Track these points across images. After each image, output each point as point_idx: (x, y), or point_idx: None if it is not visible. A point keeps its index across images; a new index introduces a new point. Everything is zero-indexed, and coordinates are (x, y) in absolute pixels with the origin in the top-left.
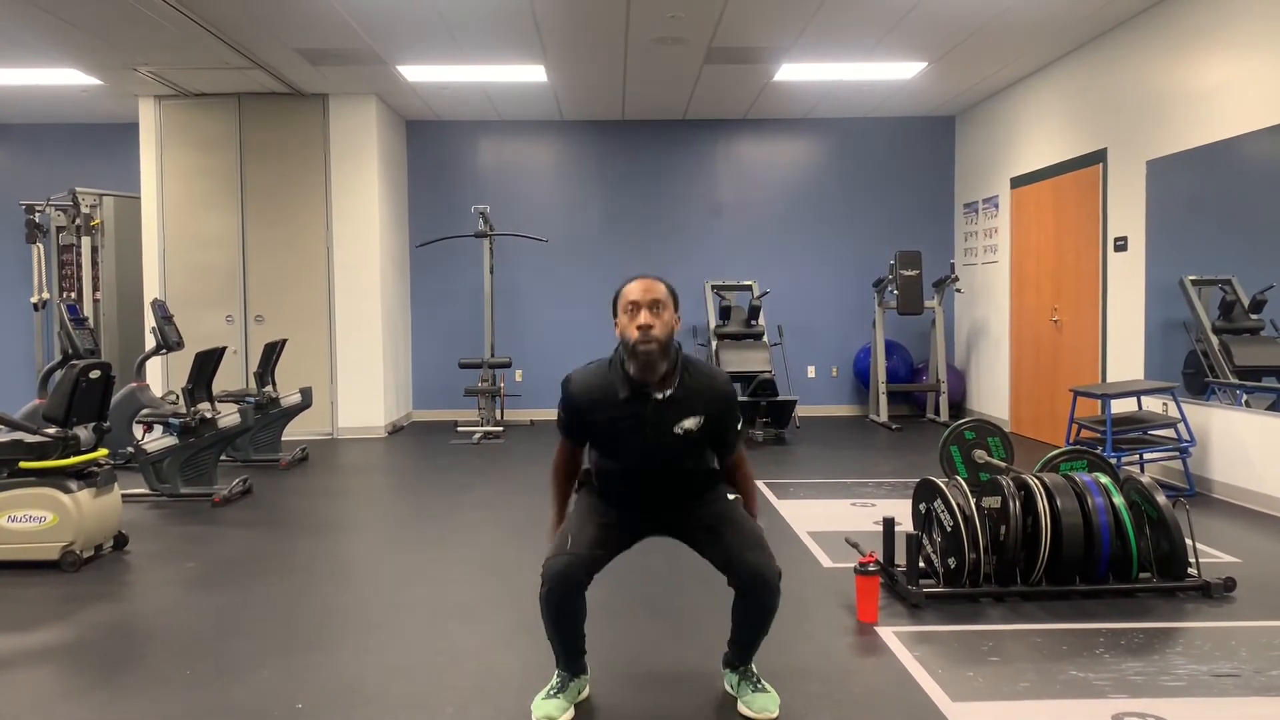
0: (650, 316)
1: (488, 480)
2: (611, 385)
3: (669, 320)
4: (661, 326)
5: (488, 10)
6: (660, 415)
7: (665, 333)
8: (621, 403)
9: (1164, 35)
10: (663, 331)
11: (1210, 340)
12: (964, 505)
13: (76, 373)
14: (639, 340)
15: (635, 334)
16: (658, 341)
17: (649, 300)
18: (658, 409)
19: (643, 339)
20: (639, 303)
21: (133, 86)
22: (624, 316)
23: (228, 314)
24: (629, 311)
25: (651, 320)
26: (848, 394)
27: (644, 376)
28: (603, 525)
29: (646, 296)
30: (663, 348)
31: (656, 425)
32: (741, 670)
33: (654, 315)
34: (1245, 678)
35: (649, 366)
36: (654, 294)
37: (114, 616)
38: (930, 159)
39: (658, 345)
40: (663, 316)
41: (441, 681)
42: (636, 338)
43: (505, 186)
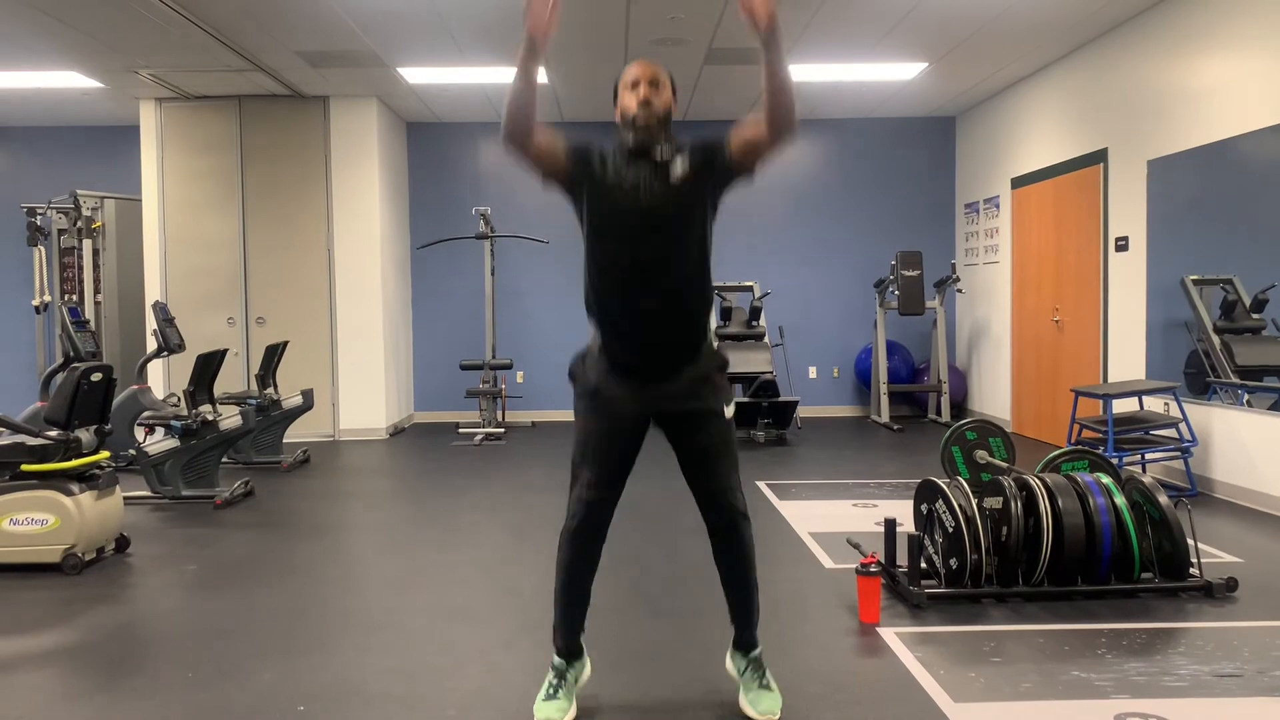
0: (650, 91)
1: (489, 482)
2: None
3: (667, 99)
4: (660, 101)
5: (488, 12)
6: (658, 176)
7: (664, 108)
8: (623, 164)
9: (1164, 35)
10: (662, 106)
11: (1212, 340)
12: (966, 506)
13: (78, 375)
14: (639, 112)
15: (635, 106)
16: (657, 114)
17: (649, 76)
18: (656, 168)
19: (643, 109)
20: (638, 79)
21: (134, 89)
22: (624, 93)
23: (229, 316)
24: (629, 88)
25: (650, 94)
26: (849, 395)
27: (643, 142)
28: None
29: (646, 74)
30: (661, 121)
31: (653, 191)
32: (749, 658)
33: (653, 90)
34: (1248, 678)
35: (648, 135)
36: (652, 72)
37: (116, 619)
38: (931, 159)
39: (657, 118)
40: (662, 94)
41: (443, 684)
42: (636, 109)
43: (506, 188)
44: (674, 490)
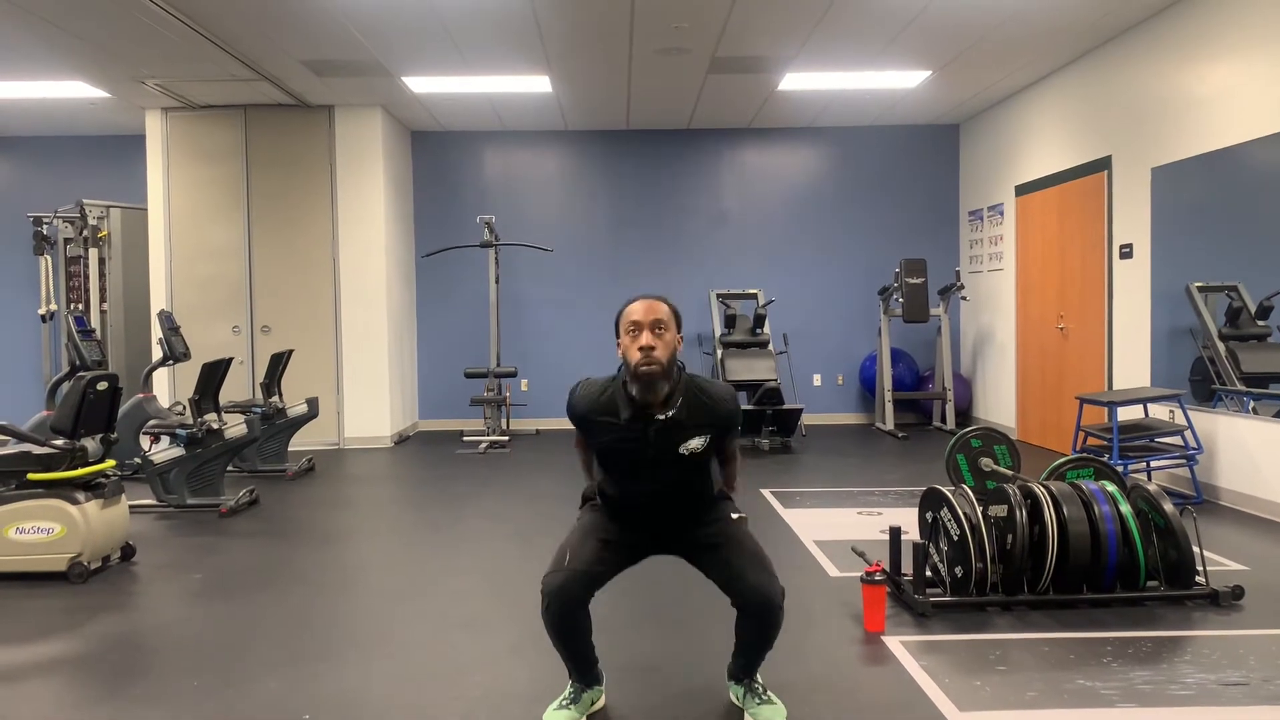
0: (652, 338)
1: (494, 490)
2: (614, 405)
3: (671, 341)
4: (664, 348)
5: (492, 21)
6: (663, 437)
7: (667, 354)
8: (624, 424)
9: (1168, 42)
10: (665, 353)
11: (1217, 347)
12: (971, 514)
13: (84, 384)
14: (641, 362)
15: (637, 355)
16: (659, 364)
17: (651, 321)
18: (660, 431)
19: (645, 360)
20: (641, 323)
21: (139, 99)
22: (626, 337)
23: (234, 325)
24: (631, 332)
25: (653, 341)
26: (853, 402)
27: (646, 398)
28: (603, 541)
29: (649, 317)
30: (665, 369)
31: (659, 446)
32: (746, 683)
33: (656, 336)
34: (1254, 686)
35: (651, 388)
36: (656, 314)
37: (121, 628)
38: (935, 167)
39: (659, 367)
40: (665, 337)
41: (448, 692)
42: (639, 359)
43: (510, 196)
44: None
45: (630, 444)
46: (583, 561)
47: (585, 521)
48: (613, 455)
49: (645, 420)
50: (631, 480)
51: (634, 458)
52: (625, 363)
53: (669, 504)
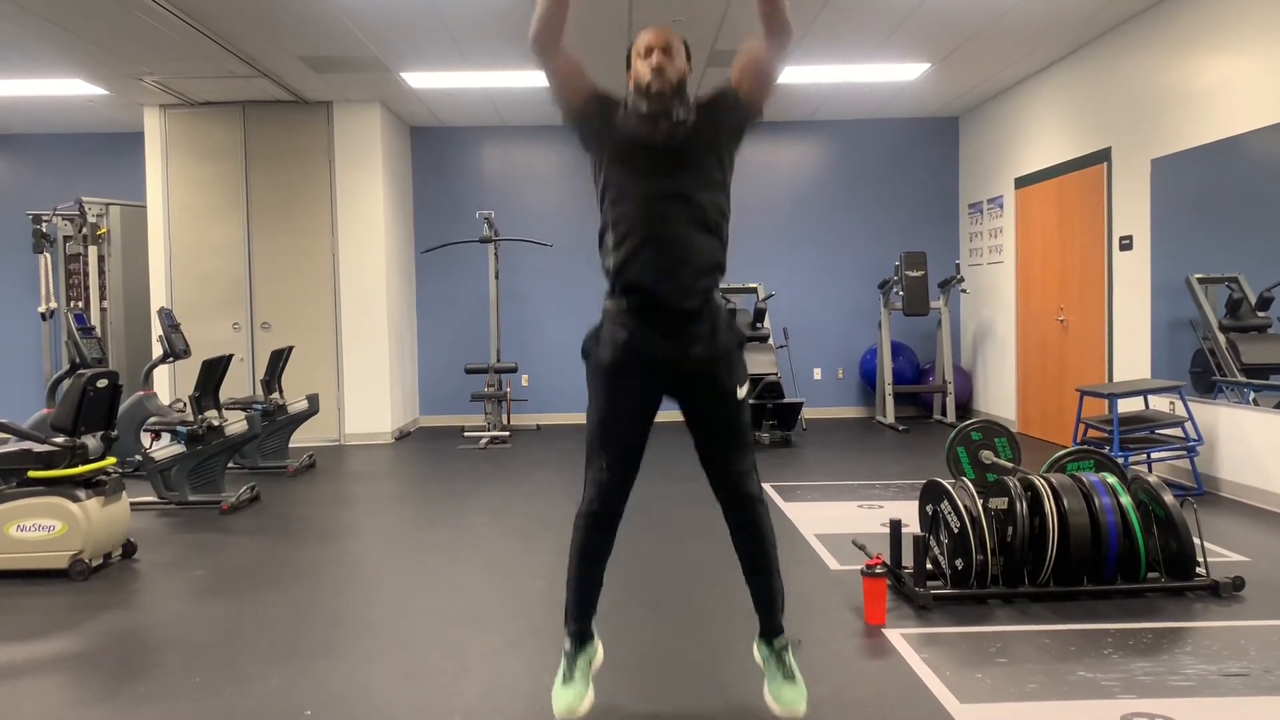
0: (663, 58)
1: (494, 486)
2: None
3: (681, 66)
4: (675, 69)
5: (490, 16)
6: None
7: (678, 75)
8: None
9: (1167, 33)
10: (676, 74)
11: (1217, 338)
12: (971, 506)
13: (84, 382)
14: (653, 79)
15: (649, 73)
16: (670, 82)
17: (662, 43)
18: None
19: (656, 77)
20: (652, 45)
21: (138, 96)
22: (637, 61)
23: (234, 322)
24: (641, 55)
25: (664, 61)
26: (854, 396)
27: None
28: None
29: (660, 40)
30: (675, 89)
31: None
32: (773, 645)
33: (667, 58)
34: (1254, 677)
35: (662, 103)
36: (666, 38)
37: (123, 625)
38: (934, 160)
39: (670, 86)
40: (676, 61)
41: (450, 688)
42: (649, 76)
43: (510, 192)
44: (679, 492)
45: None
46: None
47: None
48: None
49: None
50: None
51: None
52: (635, 86)
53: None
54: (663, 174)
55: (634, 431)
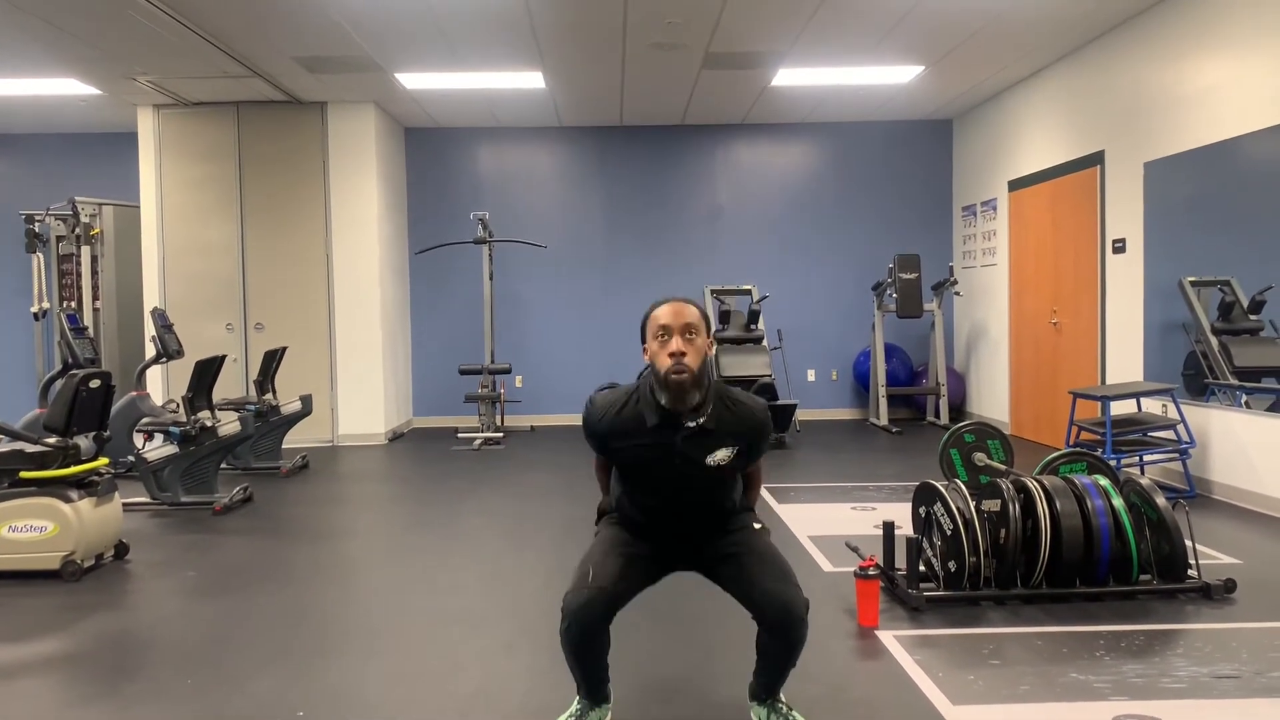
0: (683, 343)
1: (488, 487)
2: (639, 414)
3: (702, 346)
4: (694, 354)
5: (485, 18)
6: (692, 445)
7: (698, 361)
8: (650, 430)
9: (1160, 37)
10: (696, 360)
11: (1210, 341)
12: (964, 508)
13: (77, 382)
14: (672, 369)
15: (668, 362)
16: (690, 371)
17: (681, 325)
18: (690, 439)
19: (675, 368)
20: (670, 328)
21: (132, 96)
22: (654, 343)
23: (227, 322)
24: (659, 338)
25: (684, 347)
26: (848, 397)
27: (677, 406)
28: (626, 557)
29: (679, 321)
30: (695, 377)
31: (687, 456)
32: (770, 703)
33: (687, 342)
34: (1246, 679)
35: (682, 396)
36: (686, 318)
37: (115, 626)
38: (928, 162)
39: (690, 375)
40: (695, 343)
41: (443, 689)
42: (669, 366)
43: (504, 193)
44: None
45: (657, 454)
46: (606, 579)
47: (605, 536)
48: (637, 467)
49: (674, 428)
50: (655, 493)
51: (660, 469)
52: (654, 370)
53: (692, 517)
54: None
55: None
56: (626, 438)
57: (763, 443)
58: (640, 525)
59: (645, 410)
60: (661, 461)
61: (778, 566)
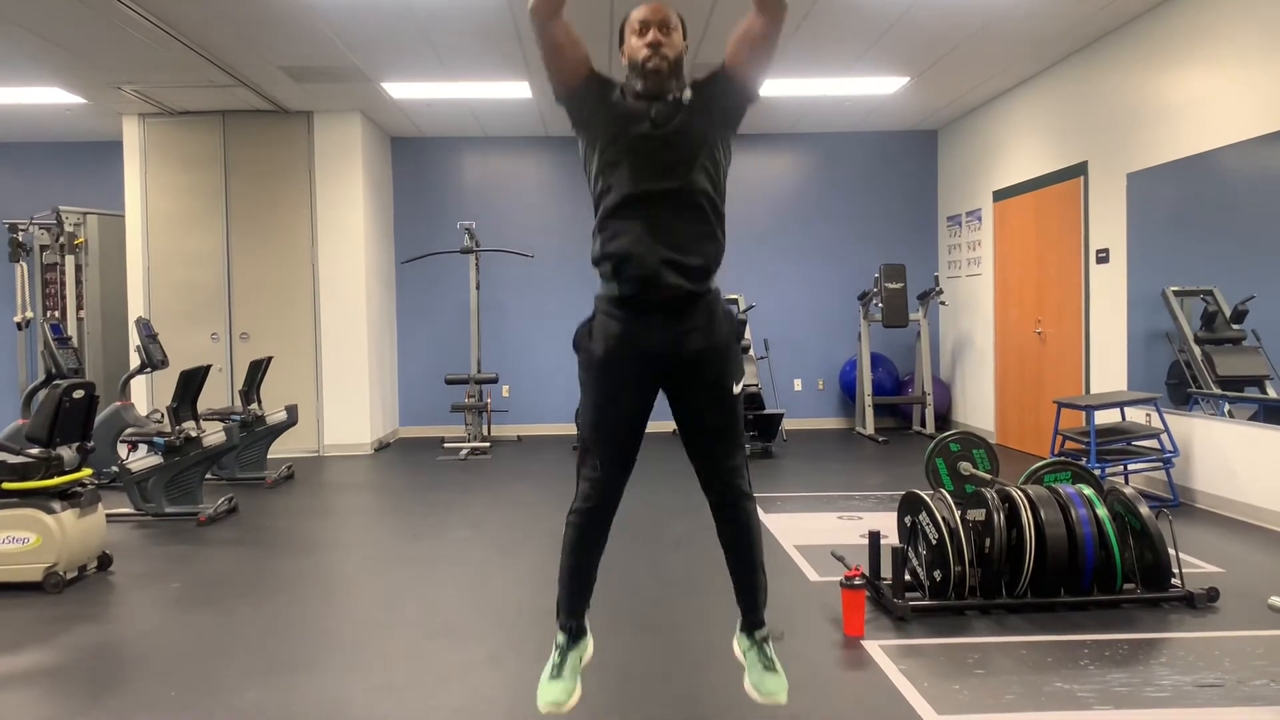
0: (660, 35)
1: (474, 497)
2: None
3: (678, 42)
4: (671, 46)
5: (472, 28)
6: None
7: (675, 53)
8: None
9: (1143, 50)
10: (673, 51)
11: (1193, 351)
12: (949, 518)
13: (60, 392)
14: (649, 56)
15: (645, 51)
16: (666, 59)
17: (659, 19)
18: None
19: (653, 54)
20: (648, 21)
21: (117, 105)
22: (632, 37)
23: (213, 332)
24: (637, 31)
25: (661, 38)
26: (834, 407)
27: (652, 90)
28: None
29: (656, 15)
30: (673, 67)
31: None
32: (754, 636)
33: (663, 34)
34: (1229, 688)
35: (659, 83)
36: (663, 14)
37: (98, 638)
38: (913, 173)
39: (666, 62)
40: (672, 38)
41: (429, 701)
42: (646, 54)
43: (491, 202)
44: (659, 504)
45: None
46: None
47: (590, 397)
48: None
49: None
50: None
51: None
52: (630, 63)
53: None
54: (658, 161)
55: (629, 428)
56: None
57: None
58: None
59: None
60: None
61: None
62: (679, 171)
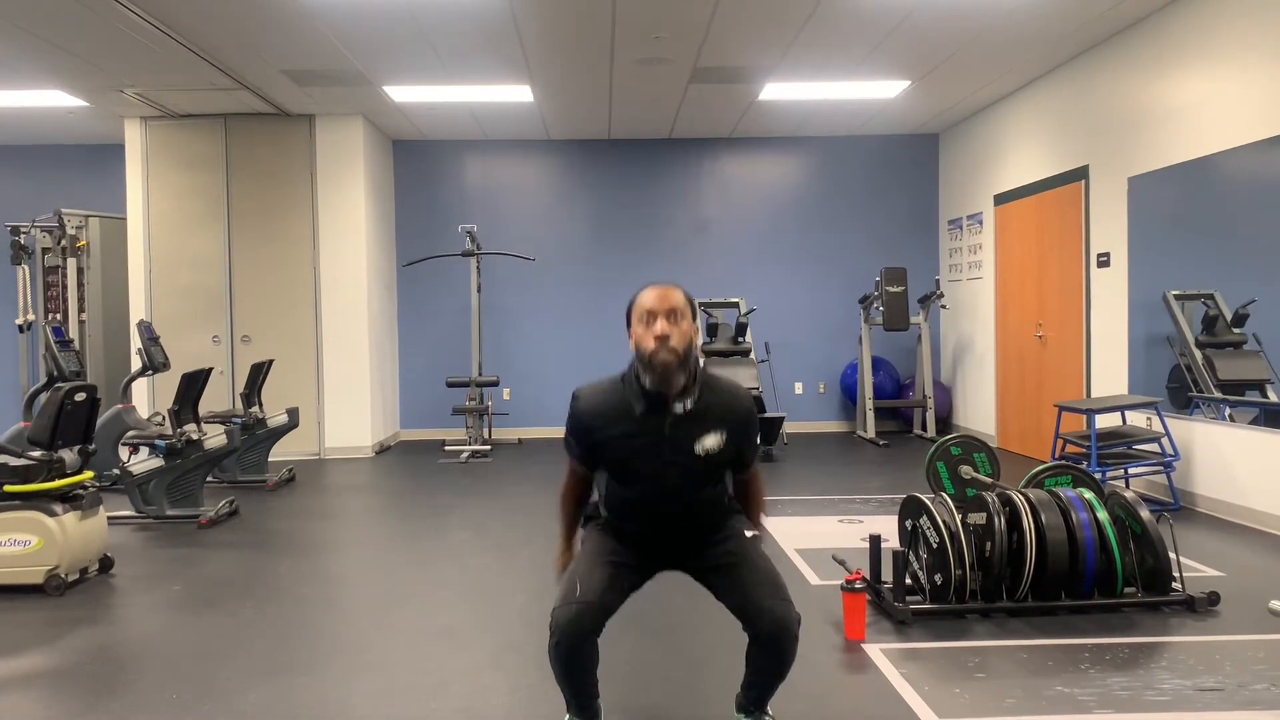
0: (667, 325)
1: (475, 500)
2: (625, 401)
3: (687, 330)
4: (679, 336)
5: (473, 31)
6: (679, 430)
7: (683, 343)
8: (638, 418)
9: (1144, 53)
10: (681, 341)
11: (1194, 354)
12: (950, 521)
13: (62, 395)
14: (656, 350)
15: (652, 344)
16: (675, 352)
17: (666, 309)
18: (677, 423)
19: (660, 349)
20: (655, 311)
21: (119, 108)
22: (639, 326)
23: (214, 335)
24: (644, 321)
25: (669, 329)
26: (835, 410)
27: (662, 389)
28: (612, 565)
29: (663, 305)
30: (680, 359)
31: (675, 443)
32: (756, 715)
33: (671, 324)
34: (1229, 692)
35: (667, 379)
36: (671, 302)
37: (99, 641)
38: (914, 176)
39: (675, 356)
40: (680, 326)
41: (429, 704)
42: (653, 348)
43: (492, 206)
44: None
45: (643, 443)
46: (593, 592)
47: (591, 546)
48: (623, 461)
49: (661, 413)
50: (643, 492)
51: (647, 459)
52: (638, 353)
53: (682, 521)
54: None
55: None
56: (613, 425)
57: (751, 429)
58: (628, 528)
59: (631, 398)
60: (649, 451)
61: (771, 579)
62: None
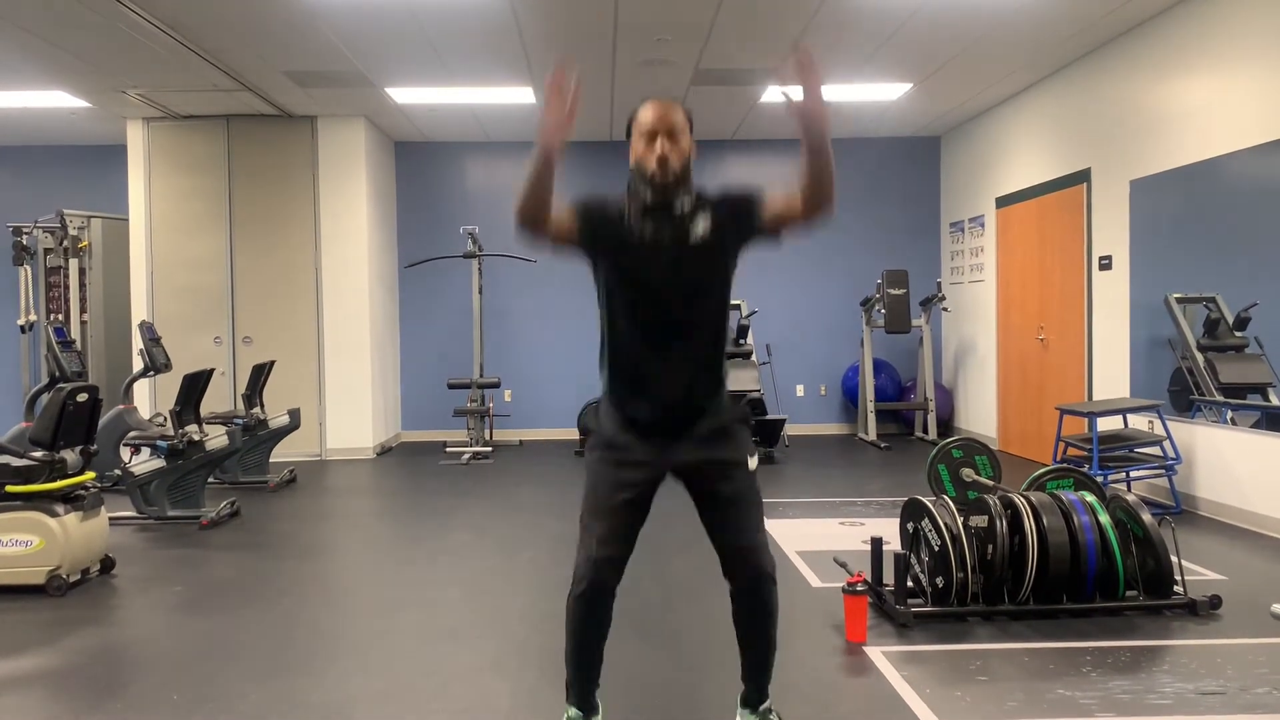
0: (667, 146)
1: (476, 501)
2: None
3: (686, 148)
4: (678, 156)
5: (475, 33)
6: (678, 229)
7: (683, 163)
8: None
9: (1146, 56)
10: (679, 161)
11: (1195, 357)
12: (951, 524)
13: (63, 395)
14: (656, 172)
15: (653, 165)
16: (675, 171)
17: (665, 127)
18: (675, 223)
19: (660, 167)
20: (655, 128)
21: (121, 109)
22: (639, 143)
23: (216, 336)
24: (644, 138)
25: (668, 150)
26: (836, 413)
27: (661, 205)
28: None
29: (663, 124)
30: (680, 179)
31: (674, 242)
32: (759, 709)
33: (671, 144)
34: (1231, 695)
35: (666, 196)
36: (670, 120)
37: (100, 641)
38: (916, 179)
39: (675, 178)
40: (680, 144)
41: (430, 705)
42: (654, 169)
43: (494, 207)
44: (663, 510)
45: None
46: (607, 544)
47: (594, 480)
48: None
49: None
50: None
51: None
52: (639, 171)
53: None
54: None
55: (631, 508)
56: (614, 223)
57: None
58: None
59: (633, 207)
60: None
61: (756, 522)
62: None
